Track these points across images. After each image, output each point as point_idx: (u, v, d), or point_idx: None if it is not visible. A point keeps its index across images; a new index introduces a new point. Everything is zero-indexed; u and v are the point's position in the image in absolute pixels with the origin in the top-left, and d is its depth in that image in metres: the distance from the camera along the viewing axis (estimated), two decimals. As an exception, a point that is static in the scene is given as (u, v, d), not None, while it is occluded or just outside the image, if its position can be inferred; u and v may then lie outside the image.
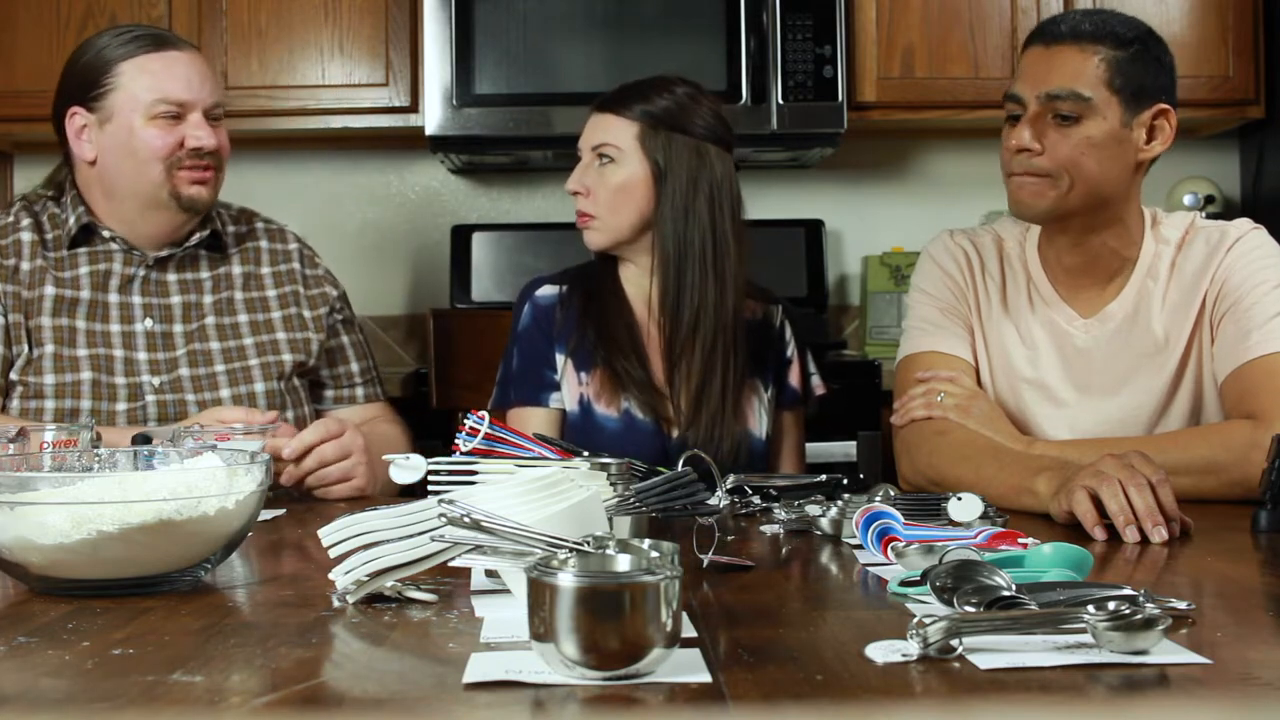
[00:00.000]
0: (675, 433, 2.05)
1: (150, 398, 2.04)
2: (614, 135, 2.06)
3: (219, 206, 2.24)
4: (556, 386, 2.09)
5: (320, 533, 1.14)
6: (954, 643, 0.91)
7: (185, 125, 2.05)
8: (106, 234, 2.10)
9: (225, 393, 2.08)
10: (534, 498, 1.10)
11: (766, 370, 2.14)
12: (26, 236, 2.08)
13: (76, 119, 2.09)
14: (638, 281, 2.12)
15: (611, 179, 2.05)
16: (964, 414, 1.85)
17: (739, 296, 2.08)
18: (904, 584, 1.12)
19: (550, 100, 3.06)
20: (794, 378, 2.18)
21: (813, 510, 1.48)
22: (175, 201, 2.06)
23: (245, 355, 2.11)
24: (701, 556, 1.26)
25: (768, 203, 3.54)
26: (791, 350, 2.18)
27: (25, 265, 2.07)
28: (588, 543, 0.97)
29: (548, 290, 2.14)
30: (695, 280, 2.06)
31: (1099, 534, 1.44)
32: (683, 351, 2.06)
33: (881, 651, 0.92)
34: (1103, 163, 1.80)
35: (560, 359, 2.09)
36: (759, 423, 2.10)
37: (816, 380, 2.22)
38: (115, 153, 2.07)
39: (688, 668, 0.89)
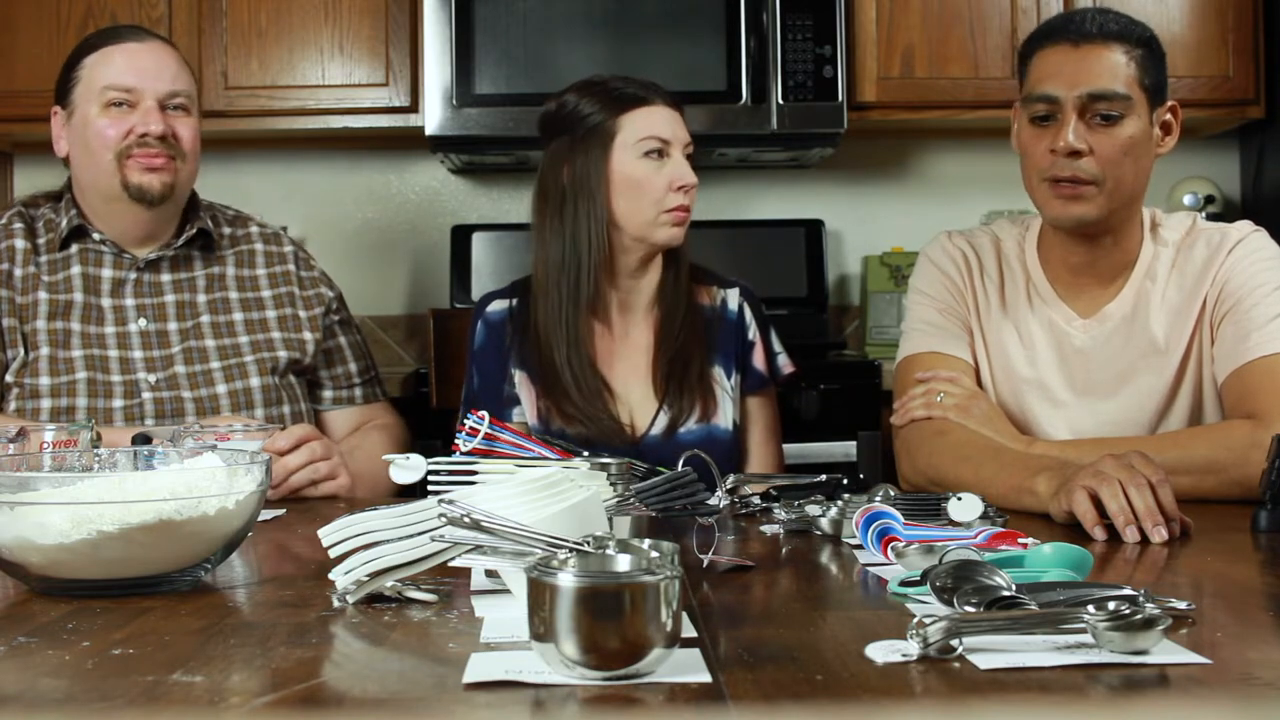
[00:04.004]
0: (639, 436, 2.05)
1: (146, 395, 2.04)
2: (688, 134, 2.07)
3: (216, 209, 2.25)
4: (516, 400, 2.08)
5: (320, 533, 1.14)
6: (954, 643, 0.91)
7: (136, 113, 2.04)
8: (97, 236, 2.10)
9: (221, 388, 2.08)
10: (534, 498, 1.10)
11: (728, 358, 2.12)
12: (20, 243, 2.09)
13: (57, 117, 2.11)
14: (631, 284, 2.10)
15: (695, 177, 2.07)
16: (964, 414, 1.85)
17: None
18: (904, 584, 1.12)
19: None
20: (758, 360, 2.15)
21: (813, 510, 1.48)
22: (125, 191, 2.05)
23: (240, 352, 2.12)
24: (701, 556, 1.26)
25: (768, 203, 3.54)
26: (754, 333, 2.16)
27: (19, 271, 2.07)
28: (588, 543, 0.97)
29: (498, 306, 2.14)
30: (686, 270, 2.11)
31: (1099, 534, 1.43)
32: (670, 343, 2.07)
33: (881, 651, 0.92)
34: (1139, 161, 1.80)
35: (516, 374, 2.09)
36: (723, 413, 2.09)
37: (783, 359, 2.19)
38: (76, 146, 2.09)
39: (688, 668, 0.89)
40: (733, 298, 2.16)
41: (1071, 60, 1.79)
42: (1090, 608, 0.93)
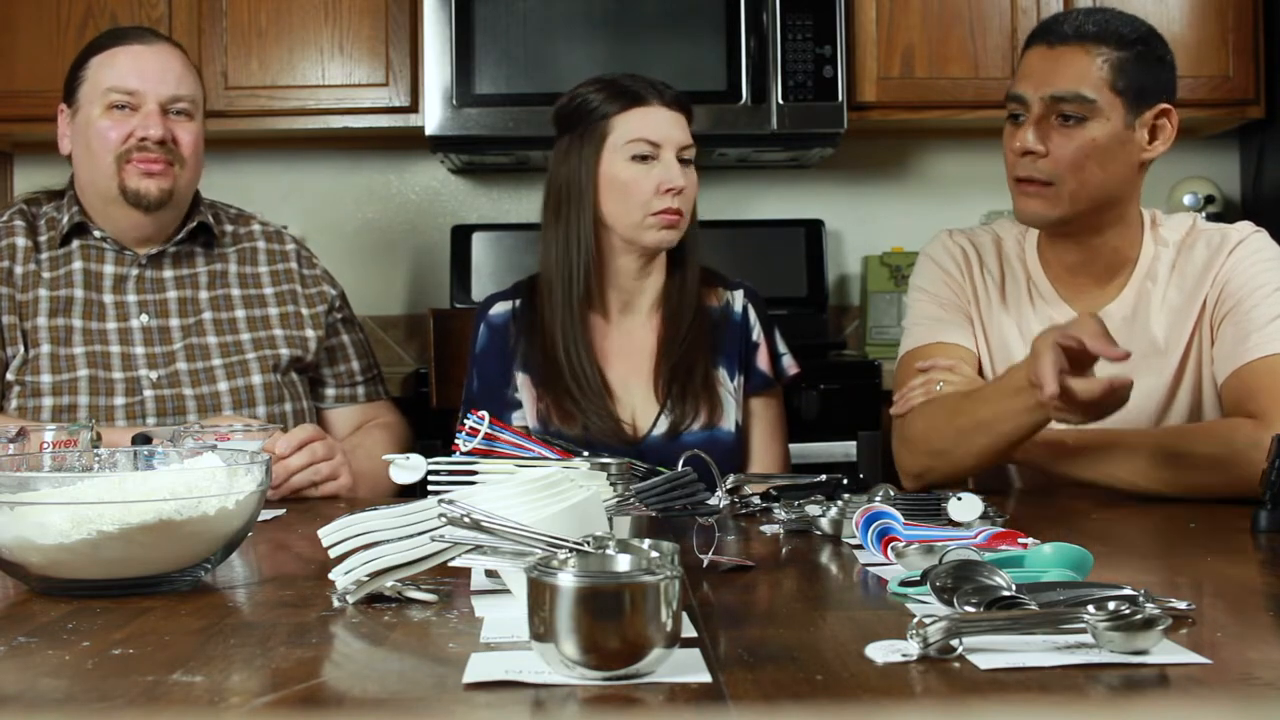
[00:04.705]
0: (639, 437, 2.04)
1: (148, 392, 2.04)
2: (688, 134, 2.06)
3: (219, 206, 2.25)
4: (517, 405, 2.07)
5: (320, 533, 1.14)
6: (954, 643, 0.91)
7: (137, 117, 2.04)
8: (98, 234, 2.10)
9: (223, 385, 2.08)
10: (534, 498, 1.10)
11: (732, 359, 2.12)
12: (20, 241, 2.09)
13: (63, 116, 2.12)
14: (630, 285, 2.09)
15: (693, 178, 2.06)
16: None
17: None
18: (904, 584, 1.12)
19: (550, 100, 3.01)
20: (762, 361, 2.15)
21: (813, 510, 1.48)
22: (122, 195, 2.05)
23: (242, 349, 2.12)
24: (701, 556, 1.26)
25: (768, 203, 3.54)
26: (758, 334, 2.15)
27: (19, 269, 2.07)
28: (588, 543, 0.97)
29: (501, 307, 2.13)
30: (696, 272, 2.10)
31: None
32: (674, 345, 2.07)
33: (881, 651, 0.92)
34: (1106, 165, 1.80)
35: (519, 377, 2.08)
36: (726, 414, 2.09)
37: (788, 360, 2.18)
38: (78, 145, 2.10)
39: (688, 668, 0.89)
40: (738, 299, 2.16)
41: (1045, 61, 1.81)
42: (1090, 608, 0.93)
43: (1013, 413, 1.69)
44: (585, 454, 1.47)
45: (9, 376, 2.03)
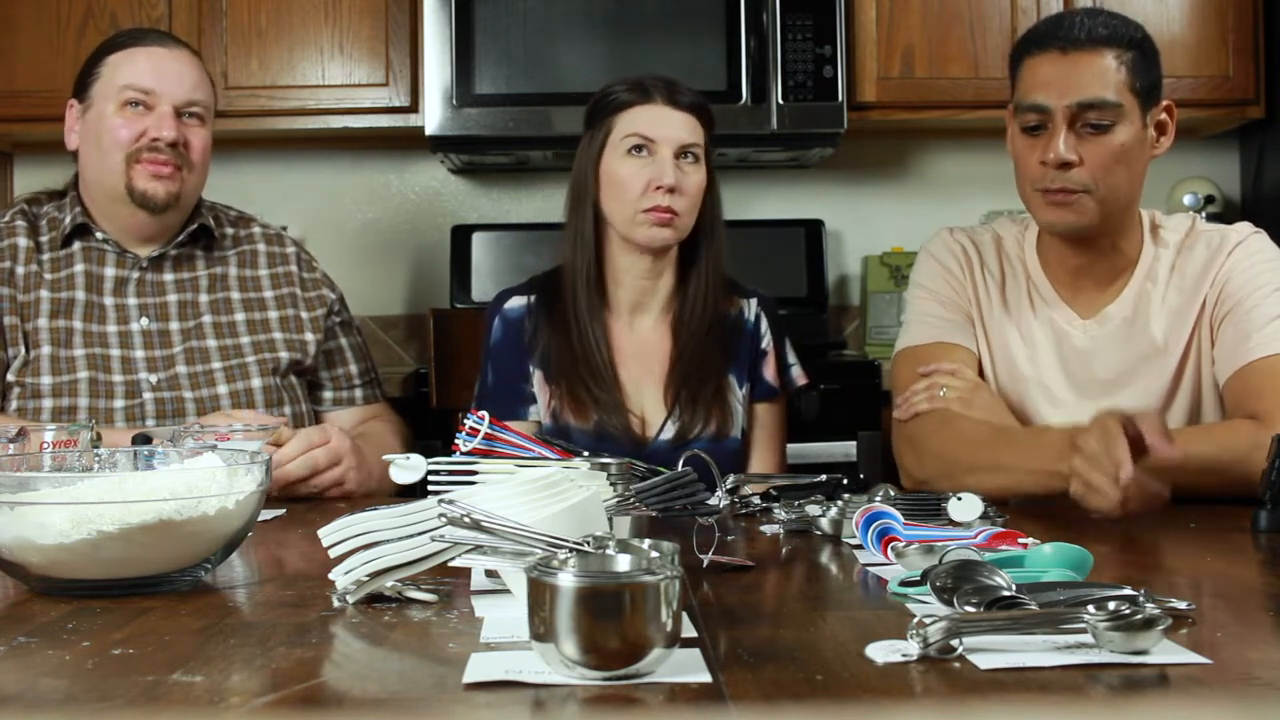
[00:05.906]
0: (649, 436, 2.05)
1: (148, 395, 2.04)
2: (697, 136, 2.05)
3: (219, 209, 2.25)
4: (533, 399, 2.08)
5: (320, 533, 1.14)
6: (954, 643, 0.91)
7: (151, 117, 2.04)
8: (100, 235, 2.10)
9: (222, 389, 2.08)
10: (534, 498, 1.10)
11: (740, 366, 2.12)
12: (22, 241, 2.09)
13: (72, 111, 2.12)
14: (637, 284, 2.09)
15: (696, 179, 2.04)
16: (966, 406, 1.85)
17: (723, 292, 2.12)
18: (904, 584, 1.12)
19: (550, 100, 3.06)
20: (769, 371, 2.15)
21: (813, 510, 1.48)
22: (129, 195, 2.05)
23: (242, 352, 2.12)
24: (701, 556, 1.26)
25: (768, 203, 3.54)
26: (767, 342, 2.15)
27: (20, 269, 2.07)
28: (588, 543, 0.97)
29: (516, 302, 2.13)
30: (714, 280, 2.09)
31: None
32: (687, 352, 2.06)
33: (881, 651, 0.92)
34: (1131, 167, 1.79)
35: (536, 373, 2.08)
36: (734, 421, 2.09)
37: (797, 371, 2.18)
38: (87, 141, 2.09)
39: (688, 668, 0.89)
40: (751, 307, 2.16)
41: (1061, 68, 1.77)
42: (1090, 608, 0.93)
43: (1035, 472, 1.65)
44: (585, 454, 1.47)
45: (9, 378, 2.03)
